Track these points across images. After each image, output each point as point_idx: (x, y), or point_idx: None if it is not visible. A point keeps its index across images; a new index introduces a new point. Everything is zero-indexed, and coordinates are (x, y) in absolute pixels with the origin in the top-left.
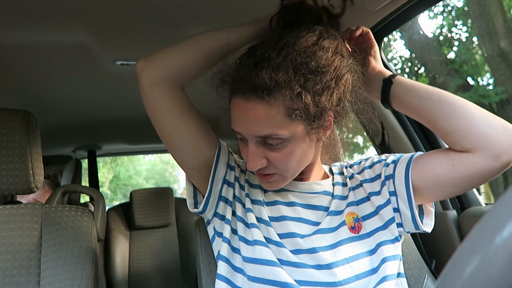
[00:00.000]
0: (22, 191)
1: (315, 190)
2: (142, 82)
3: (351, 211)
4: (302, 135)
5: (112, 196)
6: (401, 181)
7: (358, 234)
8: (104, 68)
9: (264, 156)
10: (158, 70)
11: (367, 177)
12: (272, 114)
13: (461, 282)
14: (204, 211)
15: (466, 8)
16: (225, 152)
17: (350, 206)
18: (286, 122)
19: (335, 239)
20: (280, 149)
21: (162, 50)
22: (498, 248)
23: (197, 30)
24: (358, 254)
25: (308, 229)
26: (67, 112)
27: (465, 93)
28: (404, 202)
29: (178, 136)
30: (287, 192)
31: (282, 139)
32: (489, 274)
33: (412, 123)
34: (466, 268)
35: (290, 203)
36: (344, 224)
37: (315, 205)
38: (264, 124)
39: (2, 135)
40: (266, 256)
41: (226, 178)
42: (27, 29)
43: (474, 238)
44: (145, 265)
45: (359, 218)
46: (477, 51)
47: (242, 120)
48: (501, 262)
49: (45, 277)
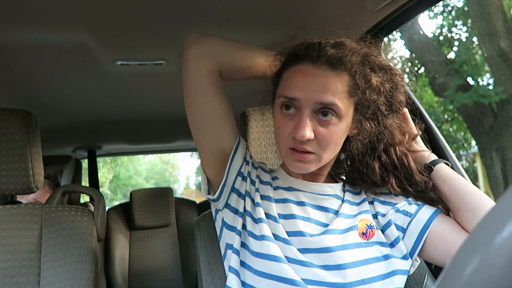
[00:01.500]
0: (22, 191)
1: (327, 192)
2: (192, 52)
3: (365, 218)
4: (349, 118)
5: (112, 196)
6: (419, 226)
7: (368, 240)
8: (104, 68)
9: (313, 129)
10: (211, 47)
11: (381, 198)
12: (338, 85)
13: (461, 282)
14: (218, 200)
15: (466, 8)
16: (243, 145)
17: (364, 213)
18: (345, 98)
19: (343, 241)
20: (329, 125)
21: (221, 38)
22: (498, 248)
23: (197, 30)
24: (366, 259)
25: (316, 229)
26: (67, 112)
27: (465, 93)
28: (409, 242)
29: (206, 112)
30: (298, 191)
31: (335, 113)
32: (489, 274)
33: None
34: (466, 268)
35: (301, 202)
36: (355, 229)
37: (326, 207)
38: (330, 91)
39: (2, 135)
40: (274, 252)
41: (241, 171)
42: (27, 29)
43: (474, 238)
44: (145, 265)
45: (372, 226)
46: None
47: (306, 86)
48: (501, 262)
49: (45, 277)
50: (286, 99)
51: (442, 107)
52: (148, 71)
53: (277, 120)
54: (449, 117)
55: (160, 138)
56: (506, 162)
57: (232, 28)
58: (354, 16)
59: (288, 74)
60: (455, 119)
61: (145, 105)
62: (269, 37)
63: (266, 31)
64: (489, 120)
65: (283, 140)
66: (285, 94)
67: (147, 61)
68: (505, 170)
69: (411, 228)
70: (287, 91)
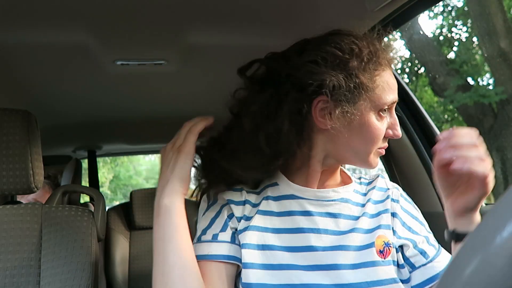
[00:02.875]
0: (22, 191)
1: (332, 197)
2: None
3: (383, 234)
4: None
5: (112, 196)
6: (433, 271)
7: (385, 259)
8: (104, 68)
9: None
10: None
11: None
12: None
13: (461, 282)
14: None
15: (466, 8)
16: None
17: (381, 229)
18: None
19: (359, 259)
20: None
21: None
22: (498, 248)
23: (197, 31)
24: (381, 280)
25: (328, 240)
26: (67, 112)
27: (465, 93)
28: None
29: None
30: (299, 199)
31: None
32: (489, 275)
33: (412, 123)
34: (466, 268)
35: (307, 212)
36: (373, 246)
37: (334, 213)
38: None
39: (2, 135)
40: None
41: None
42: (27, 29)
43: (474, 238)
44: (145, 265)
45: (389, 243)
46: (477, 51)
47: (394, 88)
48: (501, 262)
49: (45, 277)
50: (390, 104)
51: (442, 107)
52: (148, 71)
53: (373, 126)
54: (449, 117)
55: (160, 138)
56: (506, 162)
57: (232, 29)
58: (354, 16)
59: (384, 77)
60: (455, 119)
61: (145, 105)
62: (269, 37)
63: (266, 32)
64: (489, 120)
65: (378, 141)
66: (392, 99)
67: (147, 61)
68: (505, 170)
69: (424, 271)
70: (385, 97)
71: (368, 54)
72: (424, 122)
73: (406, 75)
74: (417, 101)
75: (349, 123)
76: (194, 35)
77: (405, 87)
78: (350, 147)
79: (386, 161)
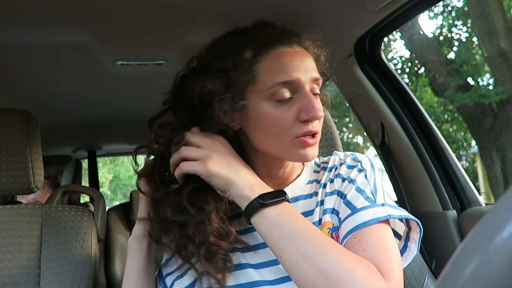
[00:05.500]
0: (22, 191)
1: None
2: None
3: (328, 220)
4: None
5: (112, 196)
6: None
7: None
8: (104, 68)
9: None
10: None
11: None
12: (313, 62)
13: (461, 282)
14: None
15: (466, 8)
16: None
17: (327, 214)
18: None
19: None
20: (319, 98)
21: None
22: (498, 248)
23: (197, 31)
24: None
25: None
26: (67, 112)
27: (465, 93)
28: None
29: None
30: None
31: (319, 84)
32: (489, 274)
33: (412, 123)
34: (466, 268)
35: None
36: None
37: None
38: (314, 67)
39: (2, 135)
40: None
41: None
42: (28, 30)
43: (474, 238)
44: None
45: (335, 228)
46: (477, 51)
47: (299, 65)
48: (501, 262)
49: (45, 277)
50: (284, 84)
51: (442, 107)
52: (148, 71)
53: (270, 113)
54: (449, 117)
55: None
56: (506, 162)
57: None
58: (354, 16)
59: (266, 62)
60: (455, 119)
61: (145, 105)
62: None
63: None
64: (489, 120)
65: (287, 132)
66: (282, 80)
67: (147, 61)
68: (505, 170)
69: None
70: (282, 76)
71: (238, 46)
72: (424, 122)
73: (406, 75)
74: (417, 101)
75: (249, 118)
76: (194, 35)
77: (405, 87)
78: (264, 143)
79: (386, 161)
